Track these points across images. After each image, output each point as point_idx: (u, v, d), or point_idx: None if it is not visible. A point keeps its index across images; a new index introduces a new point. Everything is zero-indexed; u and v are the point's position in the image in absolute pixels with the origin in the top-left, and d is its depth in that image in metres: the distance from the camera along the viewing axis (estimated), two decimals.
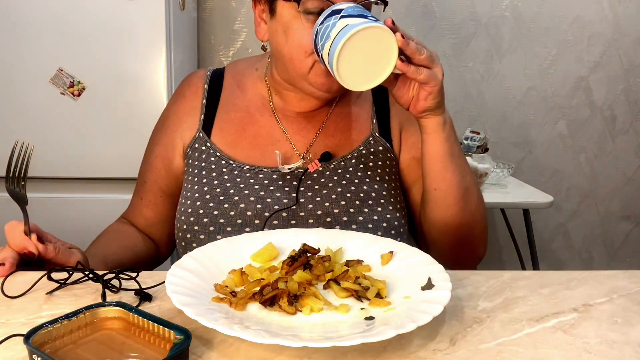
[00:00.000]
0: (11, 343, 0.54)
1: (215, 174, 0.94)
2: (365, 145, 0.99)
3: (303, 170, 0.94)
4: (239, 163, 0.95)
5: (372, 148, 0.99)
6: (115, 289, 0.67)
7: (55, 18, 1.78)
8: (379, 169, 0.97)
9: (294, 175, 0.94)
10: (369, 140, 1.00)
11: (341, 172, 0.95)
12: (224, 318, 0.56)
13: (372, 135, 1.01)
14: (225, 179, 0.93)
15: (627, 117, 2.59)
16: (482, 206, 0.95)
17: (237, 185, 0.92)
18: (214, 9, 2.40)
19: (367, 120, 1.02)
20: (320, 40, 0.78)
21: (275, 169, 0.94)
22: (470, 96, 2.50)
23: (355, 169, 0.96)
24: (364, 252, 0.74)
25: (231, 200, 0.90)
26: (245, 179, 0.93)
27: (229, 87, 1.03)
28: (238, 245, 0.74)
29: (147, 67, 1.81)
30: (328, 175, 0.94)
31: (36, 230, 0.77)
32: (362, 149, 0.99)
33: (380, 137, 1.01)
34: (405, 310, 0.59)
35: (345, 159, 0.97)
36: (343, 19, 0.76)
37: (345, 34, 0.73)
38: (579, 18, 2.47)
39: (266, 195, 0.91)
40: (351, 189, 0.92)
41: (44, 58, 1.79)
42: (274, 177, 0.94)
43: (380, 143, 1.00)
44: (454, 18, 2.45)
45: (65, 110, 1.81)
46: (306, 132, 1.00)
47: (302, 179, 0.93)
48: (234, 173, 0.94)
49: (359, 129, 1.01)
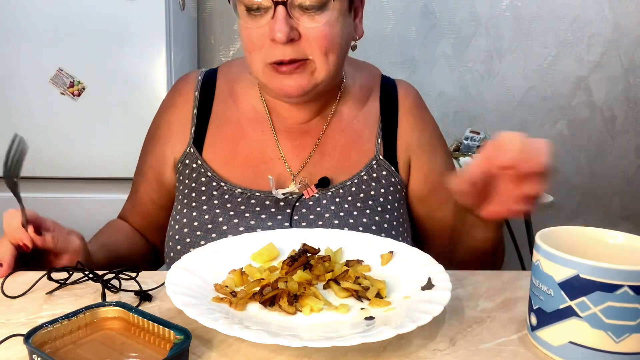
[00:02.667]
0: (11, 343, 0.54)
1: (205, 197, 0.90)
2: (367, 170, 0.92)
3: (297, 196, 0.89)
4: (231, 186, 0.90)
5: (374, 173, 0.92)
6: (115, 289, 0.67)
7: (55, 18, 1.78)
8: (381, 198, 0.91)
9: (288, 201, 0.89)
10: (372, 164, 0.93)
11: (339, 201, 0.89)
12: (224, 318, 0.56)
13: (375, 158, 0.93)
14: (214, 204, 0.89)
15: (627, 117, 2.59)
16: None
17: (227, 212, 0.88)
18: (214, 9, 2.40)
19: (371, 139, 0.95)
20: None
21: (268, 193, 0.89)
22: (470, 96, 2.50)
23: (355, 198, 0.89)
24: (364, 252, 0.74)
25: (219, 230, 0.86)
26: (236, 204, 0.88)
27: (221, 96, 0.98)
28: (238, 245, 0.74)
29: (147, 67, 1.81)
30: (325, 204, 0.88)
31: (34, 219, 0.76)
32: (363, 174, 0.92)
33: (384, 161, 0.94)
34: (405, 310, 0.59)
35: (344, 185, 0.90)
36: None
37: None
38: (578, 18, 2.47)
39: (257, 225, 0.86)
40: (349, 222, 0.86)
41: (44, 58, 1.79)
42: (267, 203, 0.89)
43: (384, 167, 0.93)
44: (454, 18, 2.45)
45: (65, 110, 1.81)
46: (301, 149, 0.94)
47: (297, 206, 0.88)
48: (225, 197, 0.89)
49: (361, 150, 0.94)
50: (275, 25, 0.80)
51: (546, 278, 0.53)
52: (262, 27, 0.82)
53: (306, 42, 0.82)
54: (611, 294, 0.49)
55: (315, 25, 0.81)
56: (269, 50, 0.83)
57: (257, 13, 0.82)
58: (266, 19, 0.81)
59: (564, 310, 0.52)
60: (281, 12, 0.80)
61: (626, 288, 0.49)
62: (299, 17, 0.81)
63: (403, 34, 2.44)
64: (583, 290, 0.51)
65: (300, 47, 0.82)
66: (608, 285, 0.49)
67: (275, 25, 0.80)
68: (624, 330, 0.50)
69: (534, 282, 0.56)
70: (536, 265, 0.55)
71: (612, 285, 0.49)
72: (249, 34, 0.83)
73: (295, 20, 0.81)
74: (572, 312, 0.51)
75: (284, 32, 0.79)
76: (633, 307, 0.49)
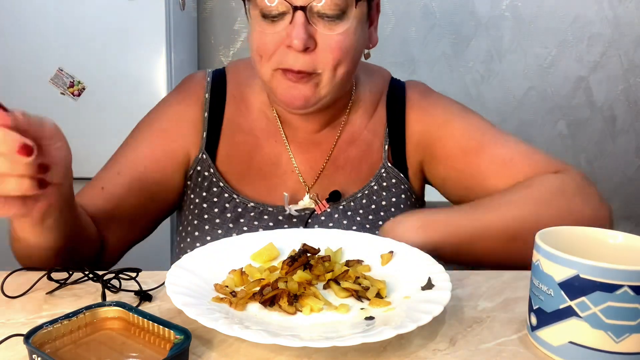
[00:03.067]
0: (11, 343, 0.54)
1: (218, 210, 0.89)
2: (377, 180, 0.91)
3: (310, 212, 0.89)
4: (243, 199, 0.89)
5: (384, 182, 0.91)
6: (115, 289, 0.67)
7: (55, 18, 1.78)
8: (392, 207, 0.90)
9: (301, 217, 0.89)
10: (381, 173, 0.92)
11: (351, 214, 0.89)
12: (224, 318, 0.56)
13: (384, 166, 0.92)
14: (227, 218, 0.88)
15: (627, 117, 2.59)
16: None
17: (240, 228, 0.87)
18: (214, 9, 2.40)
19: (379, 147, 0.93)
20: None
21: (281, 208, 0.89)
22: (470, 96, 2.50)
23: (366, 211, 0.89)
24: (364, 252, 0.74)
25: None
26: (249, 219, 0.88)
27: (233, 100, 0.95)
28: (238, 245, 0.74)
29: (147, 67, 1.81)
30: (337, 219, 0.88)
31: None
32: (373, 184, 0.91)
33: (392, 168, 0.92)
34: (405, 310, 0.59)
35: (355, 198, 0.90)
36: None
37: None
38: (578, 18, 2.47)
39: None
40: None
41: (44, 58, 1.79)
42: (280, 218, 0.88)
43: (392, 175, 0.92)
44: (454, 18, 2.45)
45: (65, 110, 1.82)
46: (314, 162, 0.93)
47: (309, 223, 0.88)
48: (238, 211, 0.88)
49: (370, 159, 0.93)
50: (294, 32, 0.77)
51: (546, 278, 0.53)
52: (278, 32, 0.79)
53: (321, 52, 0.80)
54: (611, 294, 0.49)
55: (332, 34, 0.79)
56: (282, 56, 0.80)
57: (274, 18, 0.79)
58: (283, 25, 0.79)
59: (564, 310, 0.52)
60: (300, 18, 0.77)
61: (626, 288, 0.49)
62: (317, 23, 0.79)
63: (403, 34, 2.44)
64: (583, 290, 0.51)
65: (313, 59, 0.80)
66: (608, 285, 0.49)
67: (294, 32, 0.77)
68: (624, 330, 0.50)
69: (534, 282, 0.56)
70: (536, 265, 0.55)
71: (612, 285, 0.49)
72: (263, 38, 0.81)
73: (313, 27, 0.79)
74: (572, 312, 0.51)
75: (302, 39, 0.77)
76: (633, 307, 0.49)
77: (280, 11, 0.78)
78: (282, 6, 0.78)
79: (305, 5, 0.77)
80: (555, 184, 0.81)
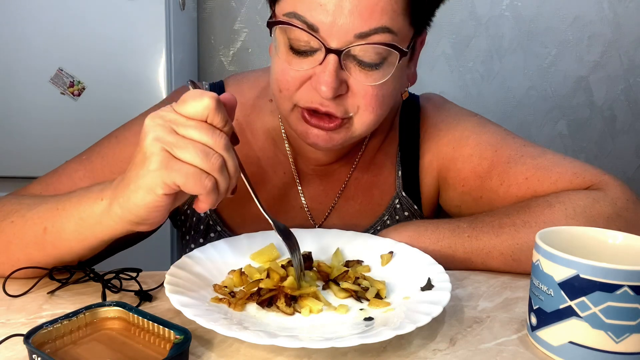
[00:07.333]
0: (11, 343, 0.54)
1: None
2: (389, 212, 0.85)
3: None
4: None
5: (397, 215, 0.85)
6: (115, 289, 0.67)
7: (55, 18, 1.78)
8: None
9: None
10: (394, 204, 0.85)
11: None
12: (222, 319, 0.56)
13: (397, 196, 0.85)
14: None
15: (627, 117, 2.59)
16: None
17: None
18: (214, 9, 2.40)
19: (392, 173, 0.85)
20: None
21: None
22: (470, 96, 2.50)
23: None
24: (364, 253, 0.74)
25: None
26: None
27: (236, 125, 0.82)
28: (238, 245, 0.74)
29: (147, 67, 1.81)
30: None
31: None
32: (386, 218, 0.85)
33: (406, 198, 0.85)
34: (404, 311, 0.59)
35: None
36: None
37: None
38: (578, 18, 2.47)
39: None
40: None
41: (44, 58, 1.79)
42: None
43: (406, 207, 0.85)
44: (454, 18, 2.45)
45: (65, 110, 1.81)
46: (324, 196, 0.85)
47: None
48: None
49: (383, 187, 0.85)
50: (323, 77, 0.67)
51: (546, 278, 0.53)
52: (305, 70, 0.69)
53: (353, 97, 0.70)
54: (611, 294, 0.50)
55: (368, 83, 0.69)
56: (306, 93, 0.70)
57: (303, 53, 0.69)
58: (311, 62, 0.68)
59: (564, 310, 0.52)
60: (333, 61, 0.66)
61: (626, 288, 0.49)
62: (352, 68, 0.68)
63: None
64: (583, 290, 0.51)
65: (344, 103, 0.70)
66: (608, 285, 0.49)
67: (323, 77, 0.67)
68: (624, 330, 0.50)
69: (534, 282, 0.56)
70: (536, 265, 0.55)
71: (612, 285, 0.49)
72: (286, 73, 0.70)
73: (347, 72, 0.68)
74: (572, 312, 0.51)
75: (332, 87, 0.66)
76: (633, 307, 0.50)
77: (311, 47, 0.68)
78: (315, 43, 0.67)
79: (342, 50, 0.67)
80: (579, 204, 0.72)
